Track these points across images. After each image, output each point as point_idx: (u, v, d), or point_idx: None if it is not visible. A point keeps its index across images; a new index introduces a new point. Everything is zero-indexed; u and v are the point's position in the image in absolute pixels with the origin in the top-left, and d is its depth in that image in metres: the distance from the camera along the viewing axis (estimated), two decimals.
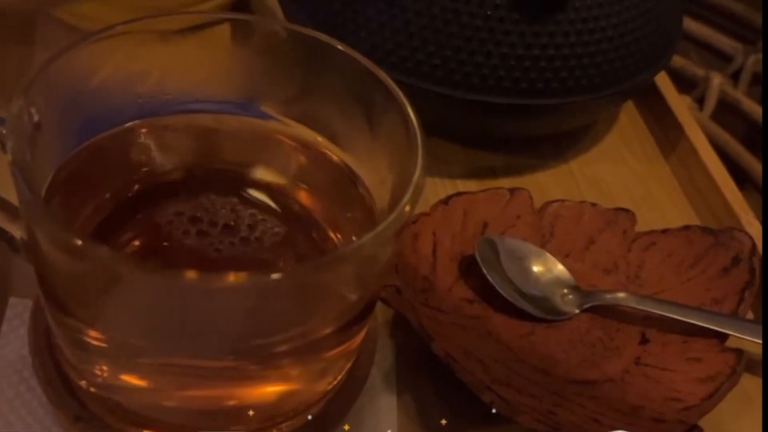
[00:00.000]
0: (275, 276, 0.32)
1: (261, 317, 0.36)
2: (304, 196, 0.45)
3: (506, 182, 0.61)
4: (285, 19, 0.63)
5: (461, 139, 0.64)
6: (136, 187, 0.44)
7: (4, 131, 0.37)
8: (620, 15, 0.57)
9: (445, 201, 0.55)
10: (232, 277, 0.32)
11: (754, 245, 0.54)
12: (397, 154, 0.40)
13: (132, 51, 0.43)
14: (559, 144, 0.66)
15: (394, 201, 0.37)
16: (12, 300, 0.48)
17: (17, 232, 0.42)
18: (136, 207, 0.44)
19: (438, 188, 0.60)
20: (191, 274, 0.32)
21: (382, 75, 0.41)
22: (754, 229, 0.58)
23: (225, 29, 0.45)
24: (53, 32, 0.65)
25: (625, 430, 0.45)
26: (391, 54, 0.56)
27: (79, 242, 0.32)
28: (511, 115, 0.58)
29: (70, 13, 0.63)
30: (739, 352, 0.50)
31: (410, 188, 0.36)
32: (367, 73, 0.42)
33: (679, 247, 0.56)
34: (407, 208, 0.35)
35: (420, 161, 0.37)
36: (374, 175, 0.43)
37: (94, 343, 0.38)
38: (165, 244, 0.42)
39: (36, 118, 0.38)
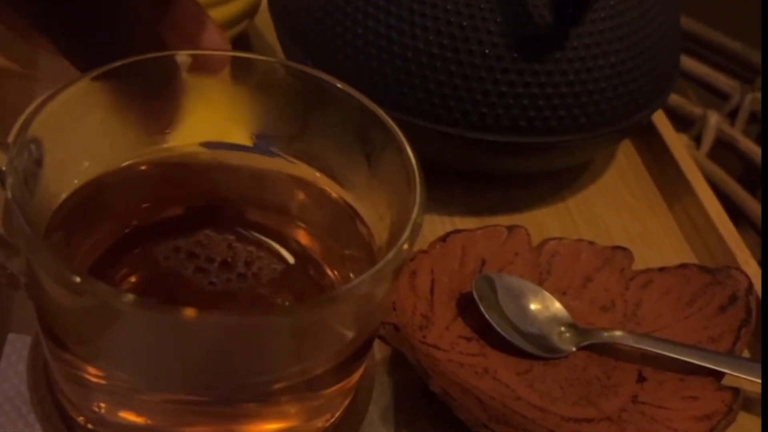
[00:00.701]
0: (272, 314, 0.32)
1: (258, 355, 0.36)
2: (302, 233, 0.45)
3: (504, 219, 0.62)
4: (284, 57, 0.63)
5: (459, 176, 0.64)
6: (135, 222, 0.44)
7: (3, 167, 0.37)
8: (618, 54, 0.58)
9: (443, 238, 0.55)
10: (229, 315, 0.32)
11: (750, 284, 0.55)
12: (395, 192, 0.40)
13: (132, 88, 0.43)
14: (557, 181, 0.66)
15: (393, 239, 0.38)
16: (11, 336, 0.48)
17: (17, 268, 0.42)
18: (134, 242, 0.44)
19: (436, 225, 0.61)
20: (188, 311, 0.32)
21: (381, 113, 0.41)
22: (751, 267, 0.58)
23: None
24: (56, 68, 0.65)
25: None
26: (390, 91, 0.56)
27: (78, 279, 0.32)
28: (510, 153, 0.59)
29: None
30: (735, 391, 0.50)
31: (409, 227, 0.36)
32: (366, 111, 0.42)
33: (676, 286, 0.56)
34: (405, 247, 0.35)
35: (418, 200, 0.37)
36: (373, 213, 0.43)
37: (92, 379, 0.38)
38: (163, 279, 0.42)
39: (36, 154, 0.38)
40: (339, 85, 0.43)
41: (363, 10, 0.57)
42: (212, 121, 0.46)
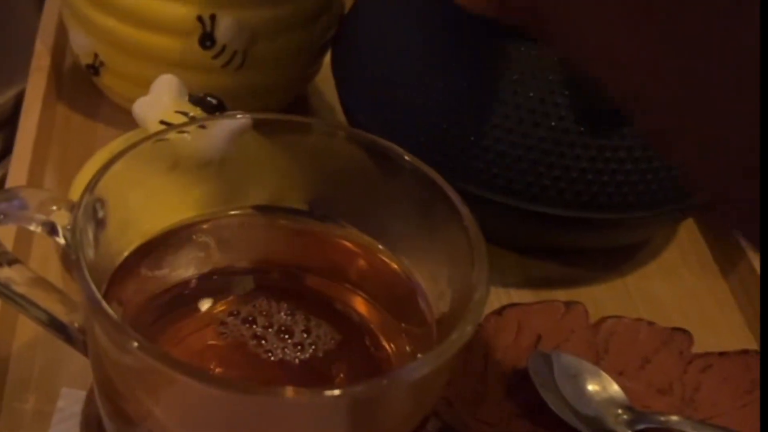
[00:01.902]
0: (331, 393, 0.32)
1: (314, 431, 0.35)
2: (360, 303, 0.45)
3: (561, 293, 0.61)
4: (344, 118, 0.63)
5: (517, 248, 0.63)
6: (193, 284, 0.44)
7: (67, 226, 0.37)
8: None
9: (499, 312, 0.55)
10: (288, 392, 0.32)
11: None
12: (457, 268, 0.40)
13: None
14: (616, 257, 0.65)
15: (454, 316, 0.37)
16: (64, 390, 0.48)
17: (72, 322, 0.42)
18: (192, 305, 0.44)
19: (491, 297, 0.60)
20: (245, 385, 0.32)
21: (447, 187, 0.41)
22: None
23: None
24: (116, 119, 0.66)
25: None
26: (451, 160, 0.56)
27: (135, 344, 0.32)
28: (570, 227, 0.58)
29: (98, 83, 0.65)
30: None
31: (471, 307, 0.36)
32: (431, 184, 0.41)
33: (736, 372, 0.54)
34: (468, 328, 0.35)
35: (483, 280, 0.37)
36: (432, 286, 0.43)
37: None
38: (219, 345, 0.42)
39: (101, 214, 0.38)
40: (401, 153, 0.43)
41: (427, 77, 0.57)
42: (269, 184, 0.46)
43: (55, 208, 0.39)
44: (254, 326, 0.42)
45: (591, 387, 0.52)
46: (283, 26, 0.62)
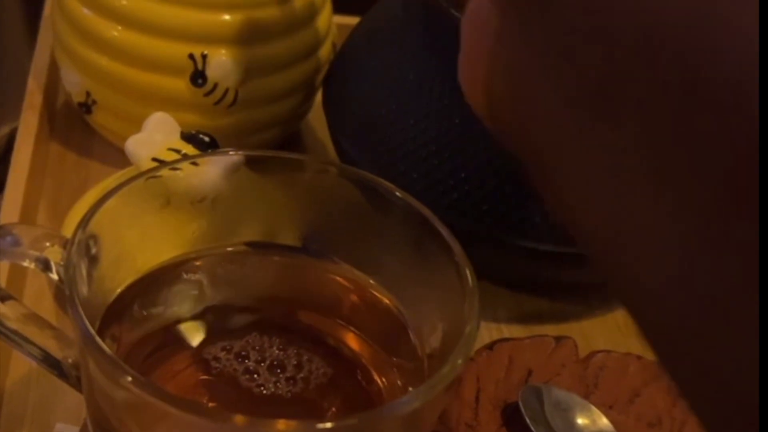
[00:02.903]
0: (323, 426, 0.32)
1: None
2: (351, 337, 0.45)
3: (552, 329, 0.61)
4: (336, 153, 0.64)
5: (508, 283, 0.64)
6: (186, 319, 0.44)
7: (61, 262, 0.37)
8: None
9: (490, 346, 0.55)
10: (280, 425, 0.32)
11: None
12: (448, 302, 0.40)
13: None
14: (605, 292, 0.66)
15: (445, 351, 0.37)
16: (58, 426, 0.48)
17: (66, 358, 0.42)
18: (185, 340, 0.44)
19: (482, 331, 0.60)
20: (239, 419, 0.32)
21: (436, 221, 0.41)
22: None
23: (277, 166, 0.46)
24: (110, 154, 0.66)
25: None
26: (442, 196, 0.56)
27: (129, 379, 0.33)
28: (561, 263, 0.58)
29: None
30: None
31: (462, 341, 0.36)
32: (421, 218, 0.42)
33: None
34: (459, 362, 0.35)
35: (473, 314, 0.37)
36: (424, 321, 0.43)
37: None
38: (212, 379, 0.42)
39: (94, 250, 0.38)
40: (393, 190, 0.43)
41: (418, 115, 0.57)
42: (262, 220, 0.47)
43: (48, 244, 0.40)
44: (247, 361, 0.42)
45: (581, 420, 0.53)
46: (275, 64, 0.63)
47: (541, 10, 0.26)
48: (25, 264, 0.40)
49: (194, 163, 0.44)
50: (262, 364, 0.42)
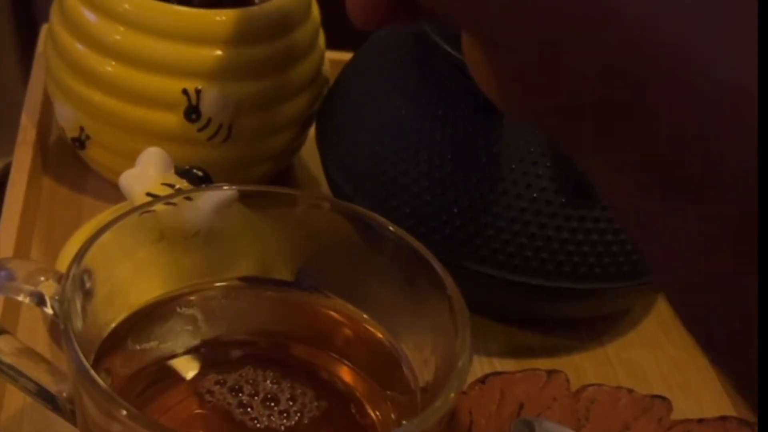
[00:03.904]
0: None
1: None
2: (345, 371, 0.45)
3: (543, 362, 0.61)
4: (329, 188, 0.64)
5: (500, 317, 0.64)
6: (180, 352, 0.44)
7: (56, 297, 0.38)
8: None
9: (482, 380, 0.55)
10: None
11: None
12: (441, 336, 0.40)
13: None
14: (597, 327, 0.66)
15: (438, 384, 0.38)
16: None
17: (60, 392, 0.42)
18: (177, 374, 0.44)
19: (475, 365, 0.60)
20: None
21: (429, 255, 0.42)
22: None
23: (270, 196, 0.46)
24: (103, 189, 0.66)
25: None
26: (435, 230, 0.57)
27: (124, 412, 0.33)
28: (552, 298, 0.59)
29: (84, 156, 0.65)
30: None
31: (454, 375, 0.36)
32: (414, 253, 0.42)
33: None
34: (452, 395, 0.35)
35: (466, 348, 0.37)
36: (417, 354, 0.43)
37: None
38: (206, 413, 0.42)
39: (88, 285, 0.39)
40: (386, 225, 0.43)
41: (410, 150, 0.58)
42: (255, 255, 0.47)
43: (43, 278, 0.40)
44: (240, 394, 0.42)
45: None
46: (268, 100, 0.63)
47: None
48: (20, 298, 0.40)
49: (188, 198, 0.44)
50: (256, 398, 0.42)
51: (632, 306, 0.68)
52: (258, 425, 0.41)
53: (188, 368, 0.44)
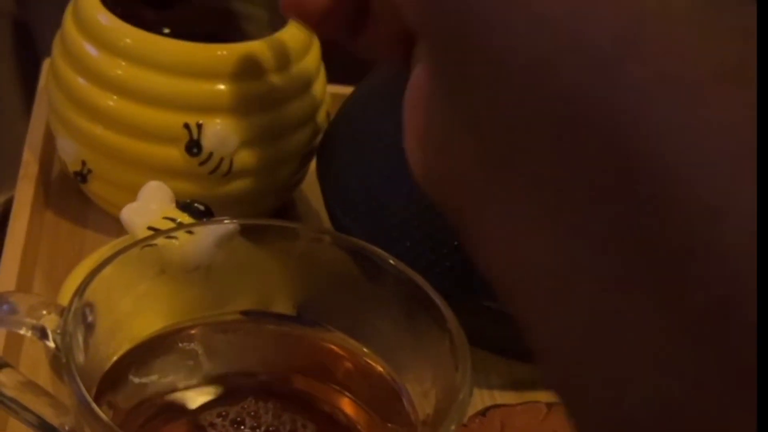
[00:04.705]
0: None
1: None
2: (346, 404, 0.45)
3: (544, 395, 0.61)
4: (330, 222, 0.64)
5: (500, 350, 0.64)
6: (182, 385, 0.44)
7: (57, 330, 0.38)
8: None
9: (483, 412, 0.55)
10: None
11: None
12: (441, 369, 0.40)
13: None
14: None
15: (438, 418, 0.38)
16: None
17: (62, 426, 0.42)
18: (179, 407, 0.44)
19: (475, 398, 0.60)
20: None
21: (430, 289, 0.42)
22: None
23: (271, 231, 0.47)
24: (102, 220, 0.66)
25: None
26: (435, 264, 0.57)
27: None
28: None
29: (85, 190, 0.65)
30: None
31: (455, 408, 0.36)
32: (414, 287, 0.42)
33: None
34: (452, 428, 0.35)
35: (466, 381, 0.37)
36: (417, 387, 0.43)
37: None
38: None
39: (90, 318, 0.39)
40: (386, 258, 0.44)
41: (411, 184, 0.57)
42: (257, 289, 0.47)
43: (45, 312, 0.40)
44: (242, 427, 0.42)
45: None
46: (269, 134, 0.63)
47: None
48: (22, 332, 0.40)
49: (189, 232, 0.44)
50: (258, 431, 0.42)
51: None
52: None
53: (190, 401, 0.44)
